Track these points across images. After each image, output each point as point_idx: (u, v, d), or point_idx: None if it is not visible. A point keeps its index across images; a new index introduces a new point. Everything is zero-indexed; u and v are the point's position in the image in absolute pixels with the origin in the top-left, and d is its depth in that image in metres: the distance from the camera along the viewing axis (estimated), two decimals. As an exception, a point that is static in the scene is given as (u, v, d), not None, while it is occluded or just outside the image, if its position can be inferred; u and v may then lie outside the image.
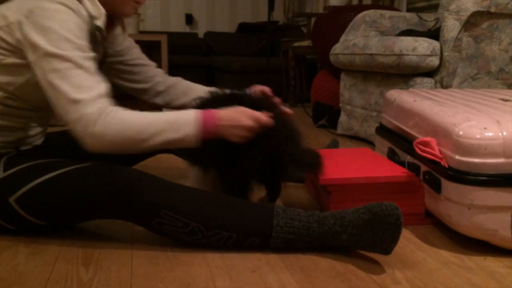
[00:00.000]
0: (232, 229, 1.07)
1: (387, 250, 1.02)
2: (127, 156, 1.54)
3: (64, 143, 1.45)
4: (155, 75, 1.50)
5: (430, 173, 1.20)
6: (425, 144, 1.20)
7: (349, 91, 2.53)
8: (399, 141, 1.44)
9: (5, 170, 1.14)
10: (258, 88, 1.43)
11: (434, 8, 3.08)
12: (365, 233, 1.03)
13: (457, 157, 1.09)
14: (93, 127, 1.05)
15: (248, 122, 1.12)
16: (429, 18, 2.58)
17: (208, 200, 1.10)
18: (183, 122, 1.10)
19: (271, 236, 1.07)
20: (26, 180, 1.11)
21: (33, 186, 1.10)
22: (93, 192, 1.08)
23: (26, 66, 1.12)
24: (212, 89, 1.45)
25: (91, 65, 1.10)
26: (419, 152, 1.21)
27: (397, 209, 1.00)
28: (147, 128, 1.08)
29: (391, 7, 3.10)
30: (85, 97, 1.05)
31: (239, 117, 1.12)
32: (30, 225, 1.14)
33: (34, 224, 1.14)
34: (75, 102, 1.05)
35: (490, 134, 1.07)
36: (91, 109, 1.05)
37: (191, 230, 1.07)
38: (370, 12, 2.57)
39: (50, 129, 1.57)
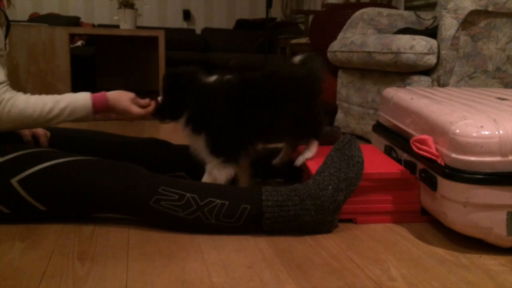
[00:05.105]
0: (224, 196, 1.14)
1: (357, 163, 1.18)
2: None
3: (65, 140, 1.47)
4: None
5: (427, 171, 1.20)
6: (422, 142, 1.21)
7: (346, 89, 2.53)
8: (395, 139, 1.44)
9: (3, 154, 1.18)
10: None
11: (432, 6, 3.08)
12: (339, 165, 1.17)
13: (454, 155, 1.10)
14: None
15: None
16: (427, 17, 2.58)
17: (199, 181, 1.27)
18: (76, 107, 1.26)
19: (262, 200, 1.13)
20: (32, 162, 1.16)
21: (41, 169, 1.15)
22: (99, 180, 1.15)
23: None
24: None
25: None
26: (415, 150, 1.21)
27: (348, 137, 1.20)
28: (44, 115, 1.23)
29: (389, 5, 3.10)
30: None
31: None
32: (28, 210, 1.17)
33: (32, 209, 1.16)
34: None
35: (486, 132, 1.07)
36: None
37: (186, 202, 1.13)
38: (368, 10, 2.57)
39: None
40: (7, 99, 1.19)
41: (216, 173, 1.30)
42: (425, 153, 1.18)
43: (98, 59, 4.33)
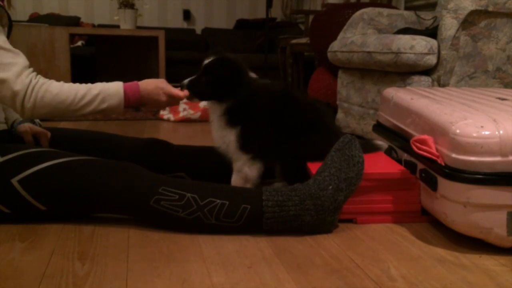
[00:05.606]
0: (225, 197, 1.14)
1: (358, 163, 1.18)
2: None
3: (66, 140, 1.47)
4: None
5: (427, 171, 1.20)
6: (422, 142, 1.21)
7: (346, 89, 2.53)
8: (396, 139, 1.44)
9: (3, 154, 1.18)
10: None
11: (432, 6, 3.08)
12: (339, 165, 1.16)
13: (454, 155, 1.10)
14: (27, 102, 1.17)
15: (165, 102, 1.32)
16: (427, 17, 2.58)
17: (200, 181, 1.24)
18: (108, 94, 1.25)
19: (262, 200, 1.13)
20: (33, 162, 1.16)
21: (41, 169, 1.15)
22: (100, 180, 1.15)
23: None
24: None
25: (3, 39, 1.13)
26: (416, 150, 1.21)
27: (348, 137, 1.19)
28: (76, 102, 1.22)
29: (389, 5, 3.10)
30: (9, 75, 1.14)
31: (158, 97, 1.31)
32: (28, 210, 1.17)
33: (32, 209, 1.16)
34: (1, 82, 1.13)
35: (486, 132, 1.07)
36: (19, 86, 1.15)
37: (187, 201, 1.13)
38: (368, 10, 2.56)
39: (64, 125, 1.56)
40: (41, 84, 1.18)
41: (247, 170, 1.31)
42: (425, 153, 1.18)
43: (98, 59, 4.32)
